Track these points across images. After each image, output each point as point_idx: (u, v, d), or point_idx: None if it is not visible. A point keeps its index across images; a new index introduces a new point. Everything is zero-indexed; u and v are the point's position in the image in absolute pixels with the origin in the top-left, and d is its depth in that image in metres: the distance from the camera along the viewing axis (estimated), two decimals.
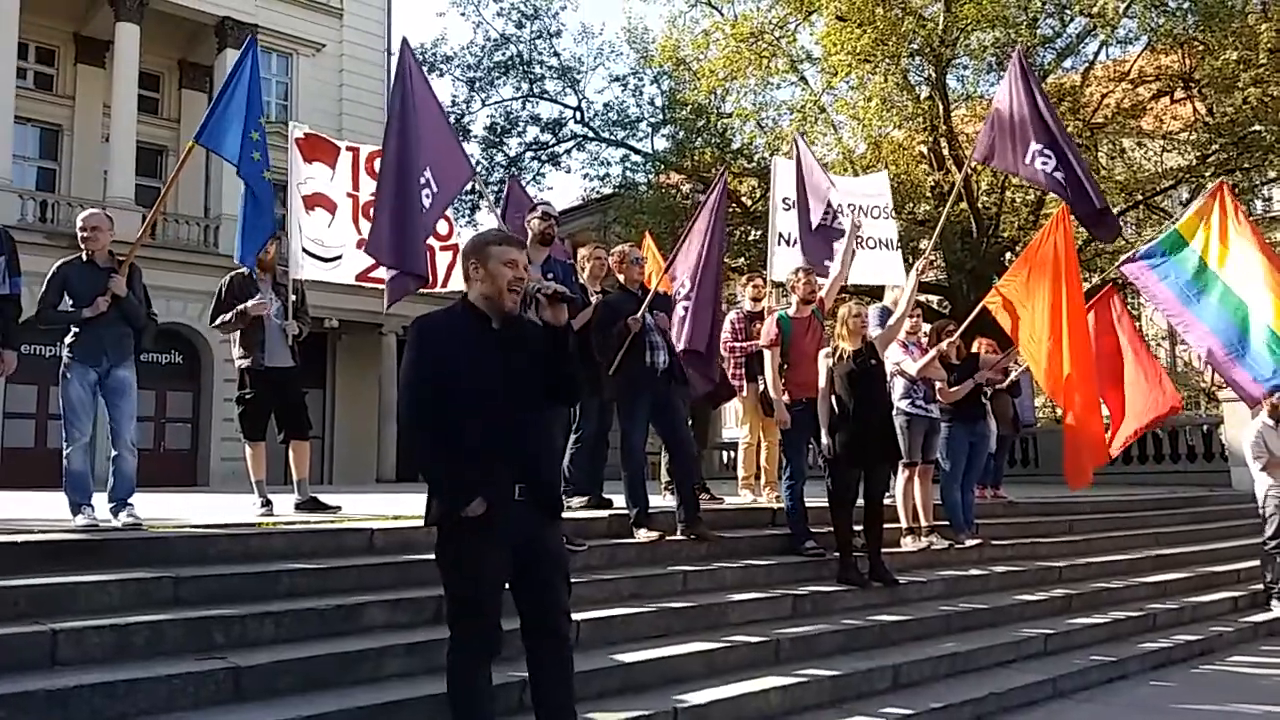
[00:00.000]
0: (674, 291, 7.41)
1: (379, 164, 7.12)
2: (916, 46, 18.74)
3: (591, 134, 25.98)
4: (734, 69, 21.06)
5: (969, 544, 7.45)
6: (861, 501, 6.40)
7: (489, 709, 3.49)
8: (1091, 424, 7.92)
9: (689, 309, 7.23)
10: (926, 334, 7.80)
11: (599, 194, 27.42)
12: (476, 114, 26.10)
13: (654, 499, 6.46)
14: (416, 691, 3.95)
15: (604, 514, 6.35)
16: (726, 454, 21.58)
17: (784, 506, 6.76)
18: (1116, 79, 20.01)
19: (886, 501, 6.68)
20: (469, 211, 25.10)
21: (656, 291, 6.77)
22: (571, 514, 5.36)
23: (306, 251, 7.28)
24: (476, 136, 26.31)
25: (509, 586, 3.47)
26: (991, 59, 18.59)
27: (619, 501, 6.45)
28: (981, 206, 19.69)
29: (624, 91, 26.27)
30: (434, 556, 3.49)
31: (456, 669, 3.43)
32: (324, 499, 6.78)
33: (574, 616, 3.90)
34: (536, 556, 3.43)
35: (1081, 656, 6.11)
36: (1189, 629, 7.11)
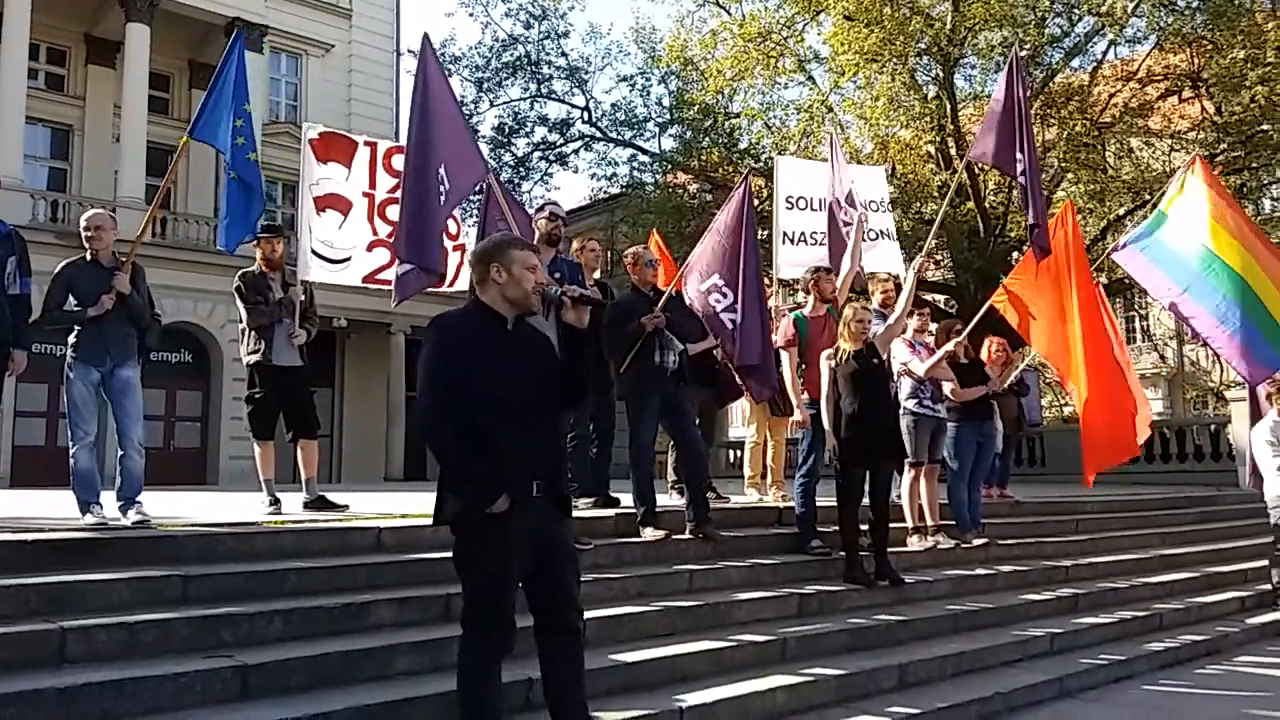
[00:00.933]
0: (705, 299, 7.05)
1: (398, 161, 7.12)
2: (924, 46, 18.72)
3: (599, 134, 25.97)
4: (741, 69, 21.06)
5: (975, 543, 7.44)
6: (867, 501, 6.41)
7: (499, 707, 3.52)
8: (1110, 417, 7.81)
9: (736, 323, 6.93)
10: (933, 334, 7.80)
11: (606, 194, 27.48)
12: (485, 114, 26.13)
13: (661, 498, 6.46)
14: (424, 689, 3.96)
15: (610, 513, 6.37)
16: (733, 453, 21.58)
17: (794, 503, 6.78)
18: (1124, 78, 19.96)
19: (892, 501, 6.68)
20: (476, 211, 25.07)
21: (671, 293, 6.72)
22: (578, 513, 5.37)
23: (315, 253, 7.26)
24: (484, 137, 26.29)
25: (521, 584, 3.50)
26: (999, 58, 18.49)
27: (626, 500, 6.47)
28: (989, 205, 19.67)
29: (631, 91, 26.23)
30: (451, 555, 3.51)
31: (470, 667, 3.44)
32: (332, 498, 6.81)
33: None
34: (551, 553, 3.49)
35: (1088, 656, 6.09)
36: (1196, 629, 7.08)
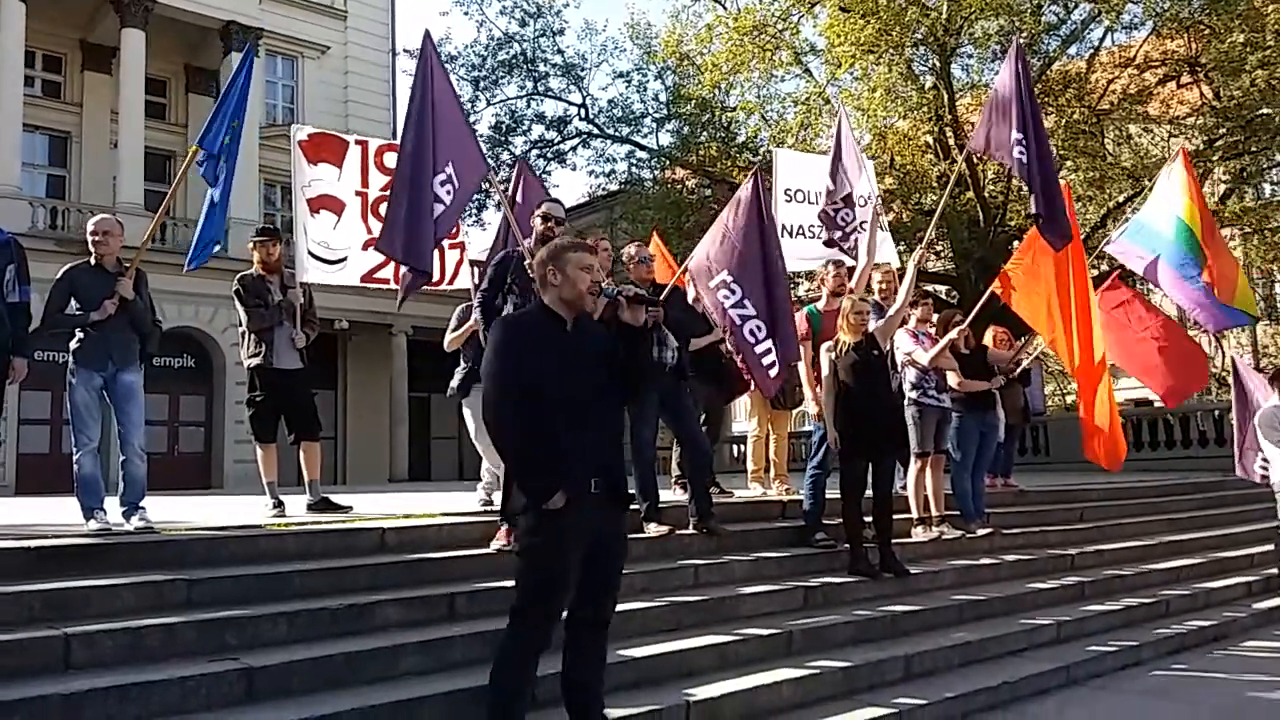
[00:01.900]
0: (714, 295, 6.53)
1: (390, 158, 7.07)
2: (920, 36, 18.65)
3: (596, 131, 25.95)
4: (737, 62, 21.03)
5: (980, 533, 7.45)
6: (870, 492, 6.40)
7: (528, 700, 3.61)
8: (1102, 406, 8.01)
9: (767, 329, 6.30)
10: (934, 324, 7.79)
11: (605, 190, 27.46)
12: (482, 113, 26.11)
13: (664, 493, 6.45)
14: (430, 689, 3.96)
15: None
16: (736, 447, 21.60)
17: (803, 495, 6.76)
18: (1122, 65, 19.92)
19: (897, 492, 6.66)
20: (476, 210, 25.10)
21: (674, 288, 6.66)
22: None
23: (312, 254, 7.25)
24: (482, 136, 26.27)
25: None
26: (996, 47, 18.49)
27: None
28: (988, 195, 19.63)
29: (628, 87, 26.25)
30: (511, 546, 3.60)
31: (513, 657, 3.52)
32: (336, 499, 6.82)
33: None
34: (606, 549, 3.60)
35: (1095, 644, 6.08)
36: (1202, 614, 7.07)
